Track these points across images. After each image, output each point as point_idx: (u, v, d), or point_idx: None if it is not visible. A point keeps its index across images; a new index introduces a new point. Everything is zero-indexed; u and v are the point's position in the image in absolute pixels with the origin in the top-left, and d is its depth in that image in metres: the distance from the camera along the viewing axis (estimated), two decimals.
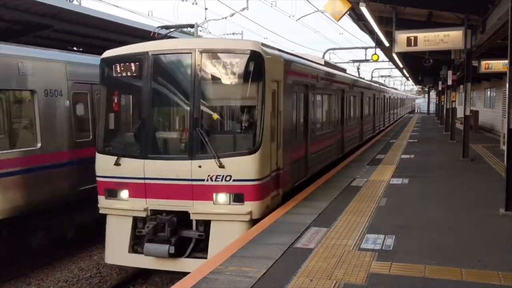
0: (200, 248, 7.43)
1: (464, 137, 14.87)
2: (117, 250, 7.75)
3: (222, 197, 7.32)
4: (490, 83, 26.84)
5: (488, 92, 28.36)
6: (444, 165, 13.68)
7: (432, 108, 64.81)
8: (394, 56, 21.45)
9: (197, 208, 7.35)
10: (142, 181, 7.56)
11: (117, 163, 7.66)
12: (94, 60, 9.72)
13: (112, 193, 7.80)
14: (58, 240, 9.65)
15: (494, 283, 4.95)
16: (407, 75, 40.17)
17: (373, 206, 8.47)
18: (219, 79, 7.61)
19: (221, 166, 7.22)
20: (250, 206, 7.32)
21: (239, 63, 7.46)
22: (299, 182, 10.00)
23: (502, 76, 21.34)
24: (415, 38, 13.39)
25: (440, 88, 34.56)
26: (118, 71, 7.86)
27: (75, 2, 17.60)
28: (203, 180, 7.29)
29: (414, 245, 6.24)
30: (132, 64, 7.76)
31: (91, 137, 10.06)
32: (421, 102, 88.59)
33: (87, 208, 9.54)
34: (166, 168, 7.45)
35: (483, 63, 19.25)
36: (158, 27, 9.87)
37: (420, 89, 72.54)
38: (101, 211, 7.96)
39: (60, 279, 8.53)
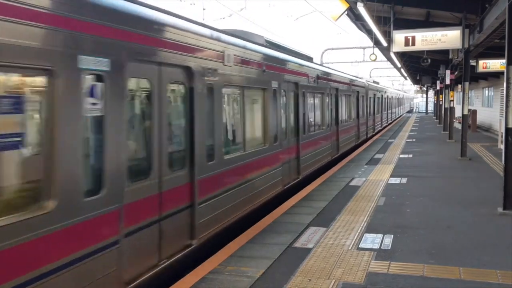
0: None
1: (462, 136, 14.89)
2: None
3: None
4: (488, 82, 26.88)
5: (486, 92, 28.39)
6: (442, 165, 13.71)
7: (431, 107, 64.84)
8: (392, 55, 21.49)
9: None
10: None
11: None
12: None
13: None
14: None
15: (492, 282, 4.96)
16: (405, 74, 40.20)
17: (372, 206, 8.48)
18: None
19: None
20: None
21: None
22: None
23: (499, 76, 21.35)
24: (413, 37, 13.42)
25: (438, 88, 34.60)
26: None
27: None
28: None
29: (413, 245, 6.25)
30: None
31: None
32: (419, 102, 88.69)
33: None
34: None
35: (481, 62, 19.29)
36: None
37: (418, 89, 72.47)
38: None
39: None
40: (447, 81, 21.35)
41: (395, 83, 72.95)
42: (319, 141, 12.89)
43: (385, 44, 16.79)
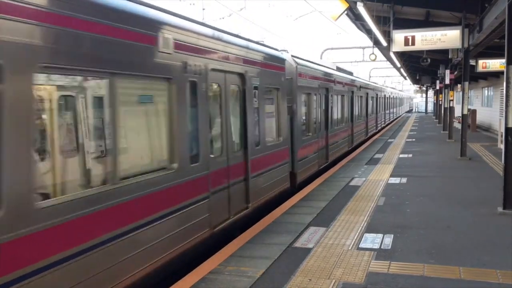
0: None
1: (461, 136, 14.90)
2: None
3: None
4: (487, 82, 26.89)
5: (486, 91, 28.40)
6: (442, 164, 13.71)
7: (430, 107, 64.83)
8: (392, 55, 21.49)
9: None
10: None
11: None
12: None
13: None
14: None
15: (492, 282, 4.96)
16: (405, 74, 40.21)
17: (372, 206, 8.48)
18: None
19: None
20: None
21: None
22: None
23: (499, 75, 21.37)
24: (413, 37, 13.43)
25: (437, 87, 34.62)
26: None
27: None
28: None
29: (412, 244, 6.25)
30: None
31: None
32: (418, 102, 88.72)
33: None
34: None
35: (481, 62, 19.29)
36: None
37: (418, 89, 72.37)
38: None
39: None
40: (447, 81, 21.36)
41: (388, 80, 70.82)
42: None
43: (384, 44, 16.78)
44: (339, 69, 17.51)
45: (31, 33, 3.58)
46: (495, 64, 19.01)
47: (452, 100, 22.27)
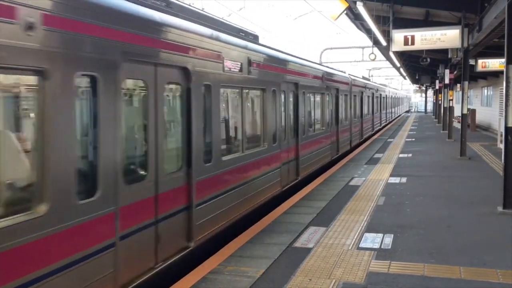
0: None
1: (461, 135, 14.90)
2: None
3: None
4: (487, 82, 26.90)
5: (485, 91, 28.41)
6: (441, 164, 13.71)
7: (430, 107, 64.83)
8: (391, 55, 21.48)
9: None
10: None
11: None
12: None
13: None
14: None
15: (492, 281, 4.95)
16: (404, 74, 40.21)
17: (372, 205, 8.48)
18: None
19: None
20: None
21: None
22: None
23: (498, 75, 21.38)
24: (412, 37, 13.42)
25: (437, 87, 34.62)
26: None
27: None
28: None
29: (413, 244, 6.25)
30: None
31: None
32: (418, 101, 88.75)
33: None
34: None
35: (480, 61, 19.29)
36: None
37: (417, 88, 72.35)
38: None
39: None
40: (446, 81, 21.37)
41: (393, 81, 69.63)
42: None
43: (384, 43, 16.77)
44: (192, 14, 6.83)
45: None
46: (495, 63, 19.01)
47: (452, 99, 22.27)
